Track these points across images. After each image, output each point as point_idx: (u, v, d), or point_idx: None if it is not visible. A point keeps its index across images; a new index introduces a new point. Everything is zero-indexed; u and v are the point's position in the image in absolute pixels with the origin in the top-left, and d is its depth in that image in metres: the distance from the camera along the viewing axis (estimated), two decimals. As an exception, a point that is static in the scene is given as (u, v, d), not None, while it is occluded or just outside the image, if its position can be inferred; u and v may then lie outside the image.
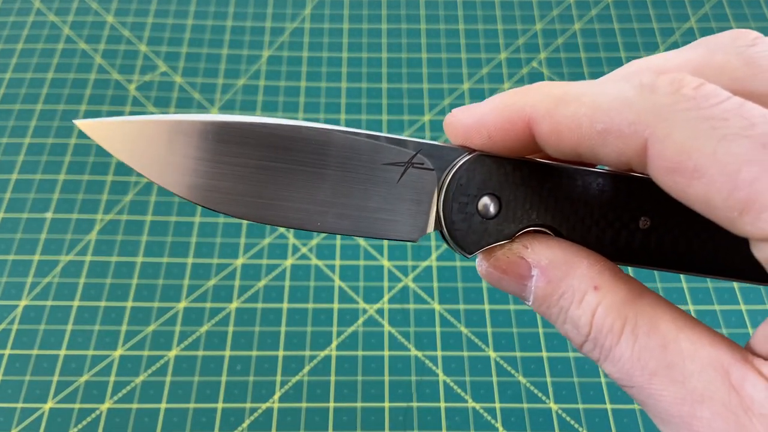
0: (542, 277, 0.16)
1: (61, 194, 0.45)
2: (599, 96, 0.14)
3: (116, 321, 0.40)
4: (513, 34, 0.53)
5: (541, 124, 0.15)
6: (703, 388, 0.13)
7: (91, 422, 0.37)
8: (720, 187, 0.12)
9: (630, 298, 0.15)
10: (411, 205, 0.17)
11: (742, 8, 0.55)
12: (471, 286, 0.41)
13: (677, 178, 0.13)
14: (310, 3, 0.55)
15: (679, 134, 0.13)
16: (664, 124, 0.13)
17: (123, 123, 0.17)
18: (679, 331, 0.14)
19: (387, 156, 0.17)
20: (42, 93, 0.49)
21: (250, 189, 0.17)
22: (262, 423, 0.37)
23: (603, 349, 0.15)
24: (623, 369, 0.14)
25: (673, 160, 0.13)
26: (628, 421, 0.37)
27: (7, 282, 0.41)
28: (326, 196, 0.17)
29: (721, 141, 0.12)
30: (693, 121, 0.12)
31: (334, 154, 0.17)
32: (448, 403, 0.38)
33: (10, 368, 0.38)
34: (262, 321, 0.40)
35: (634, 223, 0.17)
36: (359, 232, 0.17)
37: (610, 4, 0.55)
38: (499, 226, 0.17)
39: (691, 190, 0.13)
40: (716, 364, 0.13)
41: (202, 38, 0.53)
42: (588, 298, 0.15)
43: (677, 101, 0.13)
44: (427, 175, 0.17)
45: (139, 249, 0.42)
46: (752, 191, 0.12)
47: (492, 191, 0.17)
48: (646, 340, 0.14)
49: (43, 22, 0.53)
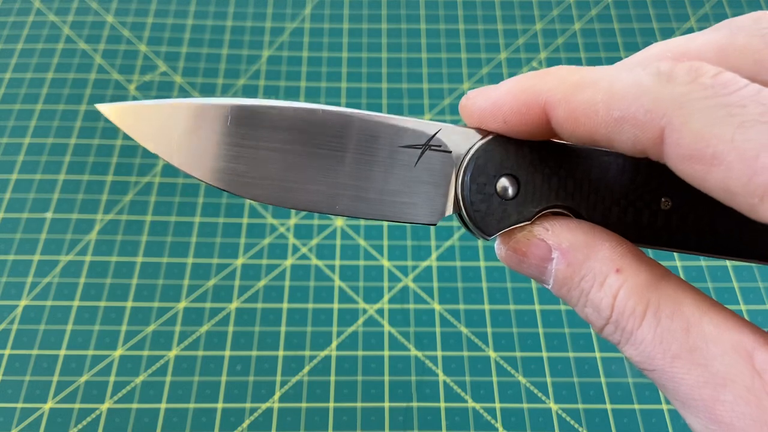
0: (563, 259, 0.16)
1: (61, 194, 0.45)
2: (616, 82, 0.14)
3: (116, 321, 0.40)
4: (513, 34, 0.53)
5: (557, 109, 0.15)
6: (726, 371, 0.13)
7: (91, 422, 0.37)
8: (739, 174, 0.12)
9: (652, 281, 0.15)
10: (429, 187, 0.17)
11: (742, 8, 0.55)
12: (471, 286, 0.41)
13: (696, 166, 0.13)
14: (310, 3, 0.55)
15: (697, 122, 0.13)
16: (681, 112, 0.13)
17: (146, 107, 0.17)
18: (703, 315, 0.14)
19: (404, 138, 0.17)
20: (42, 93, 0.49)
21: (272, 172, 0.17)
22: (262, 423, 0.37)
23: (624, 332, 0.15)
24: (645, 352, 0.14)
25: (691, 148, 0.13)
26: (628, 421, 0.37)
27: (7, 282, 0.41)
28: (346, 179, 0.17)
29: (738, 128, 0.12)
30: (710, 109, 0.12)
31: (353, 137, 0.17)
32: (448, 403, 0.38)
33: (10, 368, 0.38)
34: (262, 321, 0.40)
35: (655, 203, 0.17)
36: (379, 215, 0.17)
37: (610, 3, 0.55)
38: (518, 207, 0.17)
39: (710, 178, 0.13)
40: (739, 348, 0.13)
41: (202, 38, 0.53)
42: (610, 281, 0.15)
43: (694, 90, 0.13)
44: (444, 158, 0.17)
45: (139, 249, 0.42)
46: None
47: (510, 172, 0.16)
48: (669, 323, 0.14)
49: (43, 22, 0.53)
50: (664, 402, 0.37)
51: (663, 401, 0.37)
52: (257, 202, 0.15)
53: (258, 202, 0.16)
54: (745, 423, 0.12)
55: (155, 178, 0.45)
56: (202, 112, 0.16)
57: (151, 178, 0.45)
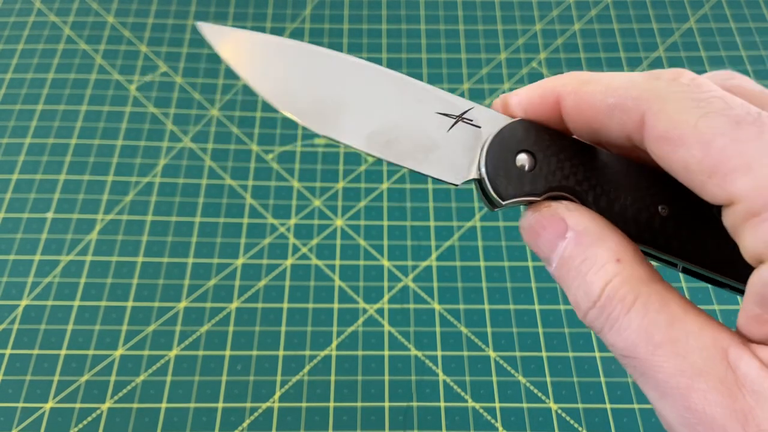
0: (575, 239, 0.17)
1: (62, 194, 0.45)
2: (614, 79, 0.17)
3: (117, 321, 0.40)
4: (513, 34, 0.54)
5: (567, 99, 0.18)
6: (702, 363, 0.14)
7: (91, 422, 0.37)
8: (696, 154, 0.14)
9: (647, 279, 0.16)
10: (457, 152, 0.19)
11: (742, 8, 0.55)
12: (471, 286, 0.42)
13: (665, 147, 0.15)
14: (310, 3, 0.55)
15: (670, 109, 0.15)
16: (659, 101, 0.15)
17: (251, 36, 0.20)
18: (686, 313, 0.15)
19: (442, 106, 0.19)
20: (43, 93, 0.49)
21: (324, 97, 0.19)
22: (263, 422, 0.37)
23: (609, 317, 0.16)
24: (628, 339, 0.15)
25: (663, 129, 0.15)
26: (627, 420, 0.37)
27: (7, 282, 0.41)
28: (389, 121, 0.19)
29: (702, 117, 0.15)
30: (683, 101, 0.15)
31: (409, 96, 0.20)
32: (448, 402, 0.38)
33: (10, 368, 0.38)
34: (262, 321, 0.40)
35: (654, 207, 0.18)
36: (409, 161, 0.19)
37: (610, 4, 0.55)
38: (532, 180, 0.19)
39: (674, 156, 0.15)
40: (716, 344, 0.14)
41: (203, 38, 0.53)
42: (608, 267, 0.16)
43: (673, 86, 0.15)
44: (474, 131, 0.19)
45: (139, 249, 0.43)
46: (721, 157, 0.14)
47: (530, 149, 0.19)
48: (656, 315, 0.15)
49: (43, 22, 0.53)
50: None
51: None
52: None
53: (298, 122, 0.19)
54: (716, 410, 0.14)
55: (156, 178, 0.45)
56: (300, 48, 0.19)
57: (151, 178, 0.46)
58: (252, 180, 0.46)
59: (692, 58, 0.52)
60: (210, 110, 0.49)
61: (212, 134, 0.48)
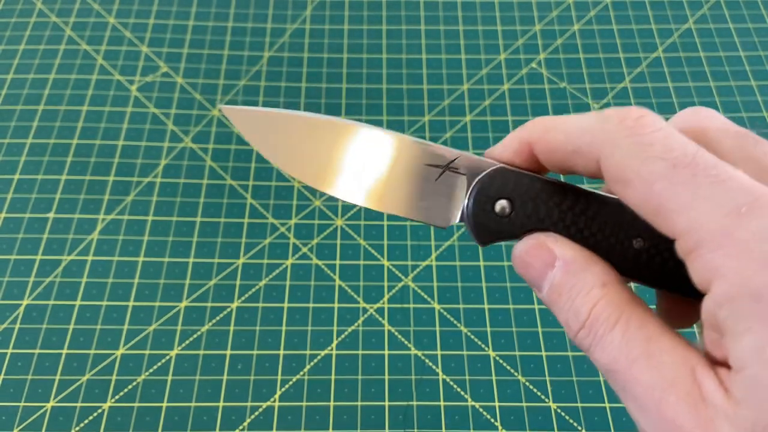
0: (563, 267, 0.19)
1: (63, 194, 0.45)
2: (572, 125, 0.18)
3: (118, 320, 0.40)
4: (512, 35, 0.54)
5: (536, 146, 0.20)
6: (673, 377, 0.16)
7: (92, 421, 0.37)
8: (641, 195, 0.16)
9: (628, 301, 0.18)
10: (444, 199, 0.21)
11: (740, 9, 0.55)
12: (471, 286, 0.42)
13: (616, 186, 0.17)
14: (310, 4, 0.55)
15: (618, 154, 0.17)
16: (608, 146, 0.17)
17: (267, 114, 0.22)
18: (662, 333, 0.17)
19: (431, 159, 0.21)
20: (44, 94, 0.49)
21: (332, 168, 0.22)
22: (263, 422, 0.37)
23: (596, 336, 0.17)
24: (611, 354, 0.17)
25: (613, 173, 0.17)
26: (626, 419, 0.37)
27: (9, 281, 0.41)
28: (382, 177, 0.22)
29: (644, 161, 0.16)
30: (629, 145, 0.17)
31: (397, 149, 0.22)
32: (447, 402, 0.38)
33: (12, 367, 0.38)
34: (262, 320, 0.40)
35: (628, 241, 0.20)
36: (404, 213, 0.22)
37: (609, 5, 0.55)
38: (510, 224, 0.20)
39: (625, 196, 0.17)
40: (686, 362, 0.16)
41: (203, 39, 0.53)
42: (594, 291, 0.18)
43: (620, 129, 0.17)
44: (459, 178, 0.21)
45: (140, 249, 0.43)
46: (660, 199, 0.16)
47: (507, 196, 0.20)
48: (635, 332, 0.17)
49: (45, 23, 0.53)
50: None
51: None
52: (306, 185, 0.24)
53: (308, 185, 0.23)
54: (684, 420, 0.15)
55: (157, 179, 0.46)
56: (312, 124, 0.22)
57: (152, 178, 0.46)
58: (252, 180, 0.46)
59: (691, 59, 0.52)
60: (211, 110, 0.49)
61: (213, 134, 0.48)
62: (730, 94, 0.50)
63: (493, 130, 0.48)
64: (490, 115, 0.49)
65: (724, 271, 0.15)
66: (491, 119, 0.49)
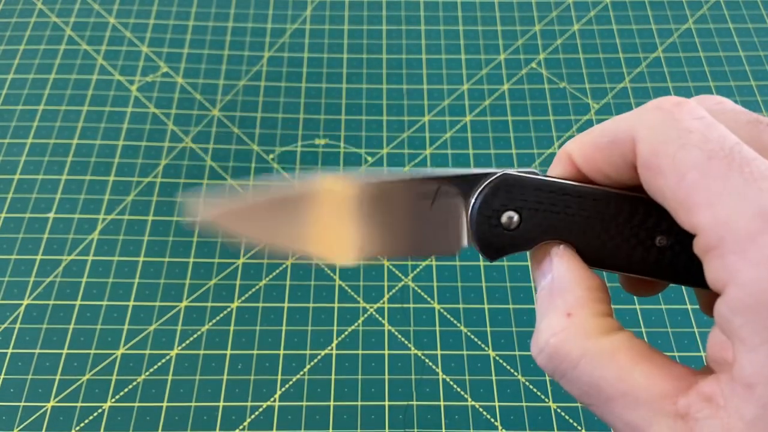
0: (548, 285, 0.18)
1: (63, 194, 0.45)
2: (606, 122, 0.18)
3: (118, 320, 0.40)
4: (512, 35, 0.54)
5: (575, 154, 0.19)
6: (651, 416, 0.15)
7: (93, 420, 0.37)
8: (671, 184, 0.15)
9: (596, 333, 0.17)
10: (446, 226, 0.20)
11: (740, 9, 0.55)
12: (471, 286, 0.42)
13: (647, 173, 0.16)
14: (310, 4, 0.55)
15: (655, 138, 0.16)
16: (645, 129, 0.16)
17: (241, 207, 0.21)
18: (635, 365, 0.16)
19: (418, 190, 0.20)
20: (44, 94, 0.49)
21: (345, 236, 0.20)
22: (263, 421, 0.37)
23: (557, 369, 0.17)
24: (581, 390, 0.16)
25: (646, 158, 0.16)
26: (626, 419, 0.37)
27: (9, 281, 0.41)
28: (386, 234, 0.20)
29: (680, 148, 0.15)
30: (667, 130, 0.16)
31: (383, 202, 0.20)
32: (447, 401, 0.38)
33: (12, 367, 0.38)
34: (263, 320, 0.40)
35: (650, 240, 0.18)
36: (413, 254, 0.21)
37: (609, 5, 0.55)
38: (518, 238, 0.19)
39: (653, 183, 0.16)
40: (665, 395, 0.15)
41: (204, 39, 0.53)
42: (557, 320, 0.17)
43: (658, 114, 0.16)
44: (454, 199, 0.20)
45: (140, 248, 0.43)
46: (690, 190, 0.15)
47: (514, 207, 0.19)
48: (603, 372, 0.16)
49: (45, 23, 0.53)
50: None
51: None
52: None
53: None
54: None
55: (157, 179, 0.46)
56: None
57: (152, 178, 0.46)
58: (253, 180, 0.46)
59: (691, 59, 0.52)
60: (211, 110, 0.49)
61: (213, 134, 0.48)
62: (730, 94, 0.50)
63: (493, 130, 0.48)
64: (490, 115, 0.49)
65: (743, 278, 0.14)
66: (491, 119, 0.49)
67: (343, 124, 0.49)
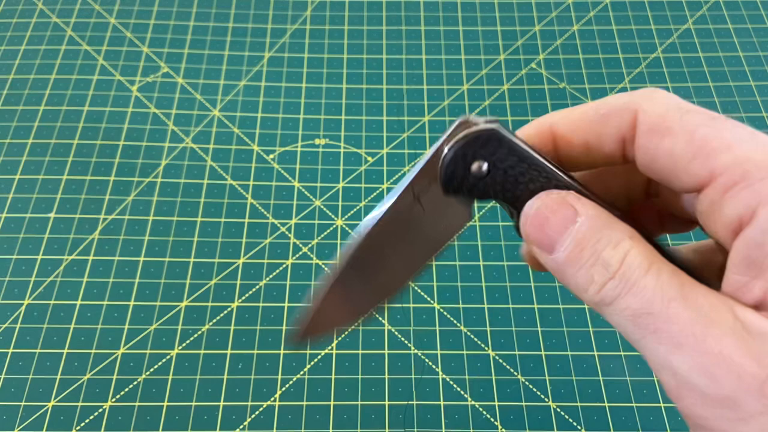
0: (588, 222, 0.18)
1: (64, 194, 0.45)
2: (600, 99, 0.19)
3: (119, 320, 0.40)
4: (512, 35, 0.54)
5: (559, 125, 0.20)
6: (713, 315, 0.16)
7: (93, 420, 0.37)
8: (682, 140, 0.17)
9: (656, 254, 0.18)
10: (444, 214, 0.21)
11: (739, 10, 0.55)
12: (470, 286, 0.42)
13: (653, 137, 0.18)
14: (310, 4, 0.55)
15: (659, 107, 0.18)
16: (648, 102, 0.18)
17: None
18: (695, 283, 0.17)
19: (401, 208, 0.20)
20: (45, 94, 0.49)
21: None
22: (264, 421, 0.37)
23: (628, 282, 0.17)
24: (645, 297, 0.17)
25: (653, 123, 0.18)
26: (626, 419, 0.37)
27: (10, 281, 0.41)
28: (405, 263, 0.22)
29: (685, 113, 0.18)
30: (667, 103, 0.18)
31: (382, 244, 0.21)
32: (447, 401, 0.38)
33: (13, 366, 0.39)
34: (263, 320, 0.40)
35: None
36: (440, 253, 0.21)
37: (609, 5, 0.55)
38: (477, 187, 0.20)
39: (661, 144, 0.18)
40: (724, 302, 0.16)
41: (204, 39, 0.53)
42: (623, 243, 0.18)
43: (656, 93, 0.18)
44: (433, 186, 0.20)
45: (141, 248, 0.43)
46: (703, 142, 0.17)
47: (488, 160, 0.20)
48: (669, 278, 0.17)
49: (46, 23, 0.53)
50: (661, 400, 0.38)
51: (661, 399, 0.38)
52: None
53: None
54: (732, 351, 0.15)
55: (157, 178, 0.46)
56: None
57: (153, 178, 0.46)
58: (253, 180, 0.46)
59: (690, 59, 0.52)
60: (211, 110, 0.49)
61: (213, 134, 0.48)
62: (729, 94, 0.50)
63: (493, 130, 0.48)
64: (490, 115, 0.49)
65: None
66: (491, 119, 0.49)
67: (343, 124, 0.49)
